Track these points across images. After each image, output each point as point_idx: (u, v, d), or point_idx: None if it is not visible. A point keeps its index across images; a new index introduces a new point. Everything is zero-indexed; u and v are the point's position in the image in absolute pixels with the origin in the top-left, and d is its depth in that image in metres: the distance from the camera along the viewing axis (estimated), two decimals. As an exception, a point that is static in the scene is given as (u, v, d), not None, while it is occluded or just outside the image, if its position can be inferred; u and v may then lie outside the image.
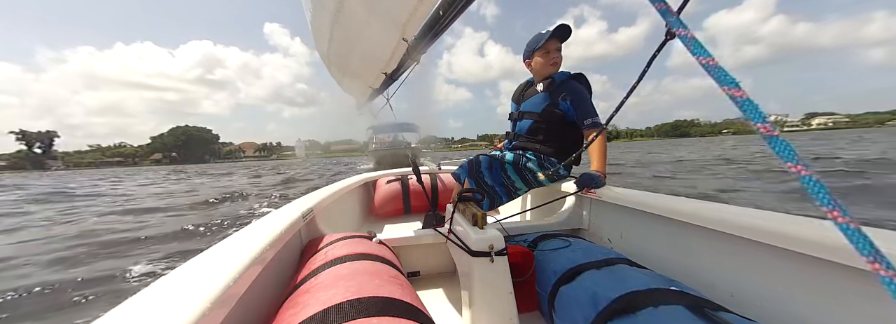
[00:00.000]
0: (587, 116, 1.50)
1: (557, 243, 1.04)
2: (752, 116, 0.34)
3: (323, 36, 2.02)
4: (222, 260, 0.61)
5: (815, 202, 0.32)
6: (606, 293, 0.71)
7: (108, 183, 16.96)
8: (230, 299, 0.51)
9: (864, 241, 0.30)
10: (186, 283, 0.52)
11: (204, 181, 14.53)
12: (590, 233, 1.40)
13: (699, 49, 0.39)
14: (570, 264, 0.89)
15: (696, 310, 0.60)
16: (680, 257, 0.96)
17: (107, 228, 4.37)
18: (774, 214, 0.77)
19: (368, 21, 1.71)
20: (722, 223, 0.80)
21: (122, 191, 11.01)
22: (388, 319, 0.54)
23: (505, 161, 1.66)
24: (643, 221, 1.09)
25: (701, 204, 0.93)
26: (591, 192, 1.30)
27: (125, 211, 5.87)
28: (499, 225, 1.33)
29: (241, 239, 0.75)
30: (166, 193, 9.21)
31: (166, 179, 19.44)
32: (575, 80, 1.60)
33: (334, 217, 1.68)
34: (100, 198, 8.90)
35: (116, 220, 5.09)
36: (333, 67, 2.69)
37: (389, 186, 2.45)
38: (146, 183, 15.35)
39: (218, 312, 0.47)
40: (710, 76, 0.38)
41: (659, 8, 0.45)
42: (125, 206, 6.68)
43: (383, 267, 0.80)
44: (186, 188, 10.91)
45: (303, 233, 1.13)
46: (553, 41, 1.56)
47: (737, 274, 0.80)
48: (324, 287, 0.64)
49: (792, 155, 0.32)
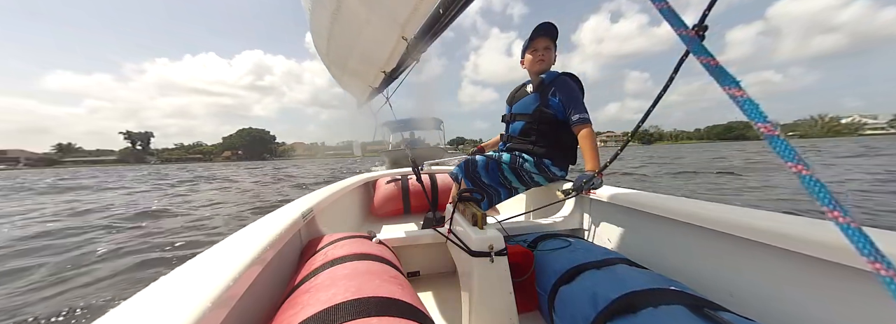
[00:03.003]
0: (575, 111, 1.48)
1: (557, 243, 1.04)
2: (753, 116, 0.35)
3: (322, 35, 2.01)
4: (222, 260, 0.61)
5: (815, 202, 0.32)
6: (606, 293, 0.71)
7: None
8: (230, 299, 0.51)
9: (864, 241, 0.30)
10: (186, 283, 0.52)
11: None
12: (590, 233, 1.40)
13: (699, 48, 0.39)
14: (569, 264, 0.89)
15: (696, 310, 0.60)
16: (680, 257, 0.96)
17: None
18: (774, 214, 0.77)
19: (368, 19, 1.70)
20: (722, 223, 0.80)
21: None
22: (388, 319, 0.54)
23: (501, 162, 1.66)
24: (643, 221, 1.09)
25: (701, 204, 0.93)
26: (591, 192, 1.30)
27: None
28: (499, 225, 1.33)
29: (241, 239, 0.75)
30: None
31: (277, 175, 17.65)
32: (565, 77, 1.60)
33: (334, 217, 1.67)
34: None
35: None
36: (333, 66, 2.69)
37: (389, 186, 2.45)
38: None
39: (218, 312, 0.47)
40: (711, 76, 0.38)
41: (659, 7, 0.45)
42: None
43: (383, 267, 0.80)
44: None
45: (303, 233, 1.13)
46: (540, 40, 1.57)
47: (736, 274, 0.80)
48: (324, 287, 0.64)
49: (792, 155, 0.32)
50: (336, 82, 2.93)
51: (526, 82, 1.78)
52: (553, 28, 1.58)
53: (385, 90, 2.52)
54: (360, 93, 3.31)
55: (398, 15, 1.58)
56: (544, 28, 1.55)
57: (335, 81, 2.96)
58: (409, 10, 1.49)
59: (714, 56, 0.38)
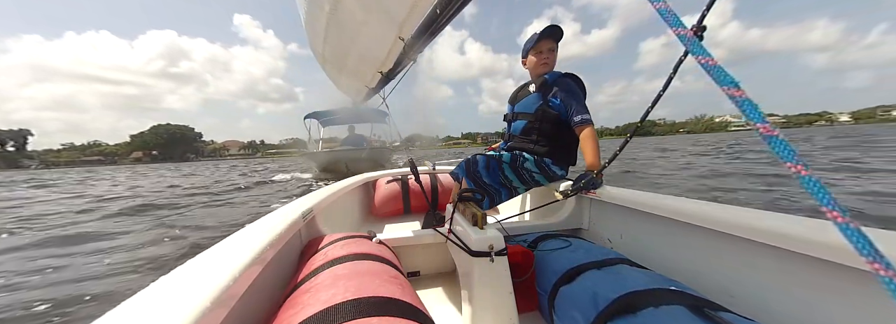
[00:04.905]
0: (578, 112, 1.49)
1: (557, 243, 1.04)
2: (752, 116, 0.34)
3: (318, 35, 2.01)
4: (222, 260, 0.61)
5: (814, 202, 0.32)
6: (606, 293, 0.71)
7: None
8: (230, 298, 0.51)
9: (863, 241, 0.30)
10: (186, 283, 0.52)
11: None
12: (590, 233, 1.40)
13: (698, 48, 0.39)
14: (570, 264, 0.89)
15: (696, 310, 0.60)
16: (680, 257, 0.96)
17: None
18: (775, 214, 0.77)
19: (365, 20, 1.70)
20: (722, 223, 0.80)
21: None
22: (388, 319, 0.54)
23: (502, 161, 1.67)
24: (643, 221, 1.09)
25: (701, 204, 0.93)
26: (591, 192, 1.30)
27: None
28: (499, 225, 1.33)
29: (241, 239, 0.75)
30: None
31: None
32: (568, 78, 1.60)
33: (334, 217, 1.67)
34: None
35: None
36: (329, 66, 2.69)
37: (389, 186, 2.45)
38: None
39: (218, 312, 0.47)
40: (709, 76, 0.37)
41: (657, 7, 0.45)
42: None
43: (383, 267, 0.80)
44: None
45: (303, 233, 1.13)
46: (546, 41, 1.57)
47: (737, 274, 0.80)
48: (324, 287, 0.64)
49: (791, 155, 0.32)
50: (315, 80, 2.91)
51: (527, 82, 1.78)
52: (559, 31, 1.57)
53: (381, 90, 2.52)
54: (356, 93, 3.32)
55: (395, 15, 1.58)
56: (550, 31, 1.54)
57: (332, 82, 2.96)
58: (406, 10, 1.49)
59: (712, 56, 0.38)
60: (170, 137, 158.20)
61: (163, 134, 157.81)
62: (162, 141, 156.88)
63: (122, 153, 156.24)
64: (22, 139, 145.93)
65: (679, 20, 0.42)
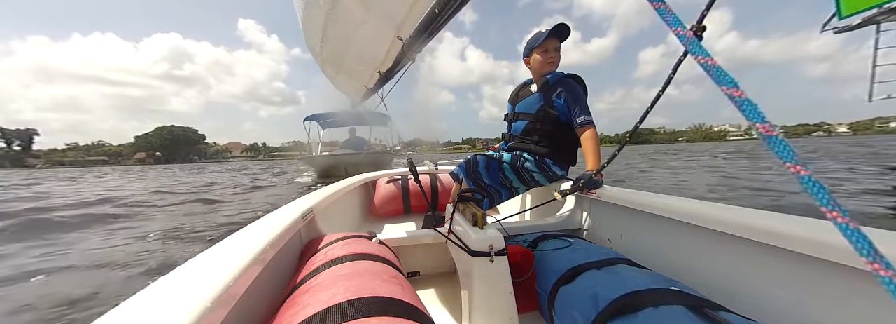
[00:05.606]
0: (580, 113, 1.48)
1: (557, 243, 1.04)
2: (751, 116, 0.34)
3: (316, 34, 2.01)
4: (222, 260, 0.61)
5: (814, 202, 0.32)
6: (606, 293, 0.71)
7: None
8: (230, 298, 0.51)
9: (863, 241, 0.30)
10: (186, 283, 0.52)
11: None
12: (590, 233, 1.40)
13: (697, 48, 0.39)
14: (570, 264, 0.89)
15: (696, 310, 0.60)
16: (680, 257, 0.96)
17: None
18: (774, 214, 0.77)
19: (364, 19, 1.70)
20: (722, 223, 0.80)
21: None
22: (388, 319, 0.54)
23: (502, 161, 1.66)
24: (643, 221, 1.09)
25: (701, 204, 0.93)
26: (591, 192, 1.30)
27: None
28: (499, 225, 1.33)
29: (241, 239, 0.75)
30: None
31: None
32: (570, 78, 1.59)
33: (334, 217, 1.67)
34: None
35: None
36: (327, 66, 2.68)
37: (389, 186, 2.45)
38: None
39: (218, 312, 0.47)
40: (709, 76, 0.37)
41: (656, 7, 0.45)
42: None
43: (383, 267, 0.80)
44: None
45: (303, 233, 1.13)
46: (552, 40, 1.56)
47: (737, 274, 0.80)
48: (324, 287, 0.64)
49: (791, 155, 0.32)
50: (317, 82, 2.92)
51: (528, 81, 1.77)
52: (568, 30, 1.55)
53: (380, 90, 2.51)
54: (354, 93, 3.31)
55: (394, 15, 1.58)
56: (559, 29, 1.51)
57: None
58: (405, 10, 1.49)
59: (711, 56, 0.38)
60: (174, 139, 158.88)
61: (167, 135, 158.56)
62: (166, 142, 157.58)
63: (125, 154, 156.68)
64: (28, 139, 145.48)
65: (678, 20, 0.42)
